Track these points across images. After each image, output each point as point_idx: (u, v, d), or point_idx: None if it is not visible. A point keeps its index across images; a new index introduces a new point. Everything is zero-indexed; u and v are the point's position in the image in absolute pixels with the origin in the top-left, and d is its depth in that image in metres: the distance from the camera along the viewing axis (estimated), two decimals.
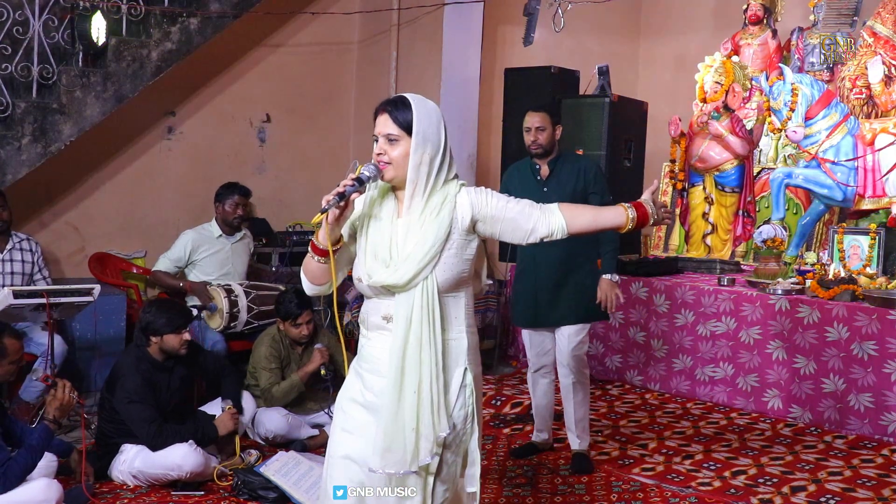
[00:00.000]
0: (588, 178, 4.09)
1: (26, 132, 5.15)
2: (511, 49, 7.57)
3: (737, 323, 5.17)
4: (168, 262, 5.18)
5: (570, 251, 4.02)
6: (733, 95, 6.15)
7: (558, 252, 4.01)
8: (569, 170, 4.11)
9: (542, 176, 4.13)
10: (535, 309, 4.15)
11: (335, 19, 7.01)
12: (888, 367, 4.54)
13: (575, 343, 4.10)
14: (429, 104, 2.34)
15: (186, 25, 5.66)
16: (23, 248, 4.90)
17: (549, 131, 4.09)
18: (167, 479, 3.78)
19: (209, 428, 3.96)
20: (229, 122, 6.71)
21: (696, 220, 6.39)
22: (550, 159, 4.13)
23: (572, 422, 4.17)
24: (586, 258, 4.10)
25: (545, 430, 4.38)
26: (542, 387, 4.28)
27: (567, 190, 4.03)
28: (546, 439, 4.39)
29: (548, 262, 4.08)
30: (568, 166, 4.13)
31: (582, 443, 4.19)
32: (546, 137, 4.09)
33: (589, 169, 4.13)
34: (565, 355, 4.11)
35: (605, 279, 4.05)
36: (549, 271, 4.09)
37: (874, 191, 6.08)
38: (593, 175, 4.11)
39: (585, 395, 4.17)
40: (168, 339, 3.93)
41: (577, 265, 4.09)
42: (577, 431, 4.17)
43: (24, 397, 4.46)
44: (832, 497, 3.81)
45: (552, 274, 4.09)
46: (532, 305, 4.16)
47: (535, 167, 4.16)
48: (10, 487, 3.19)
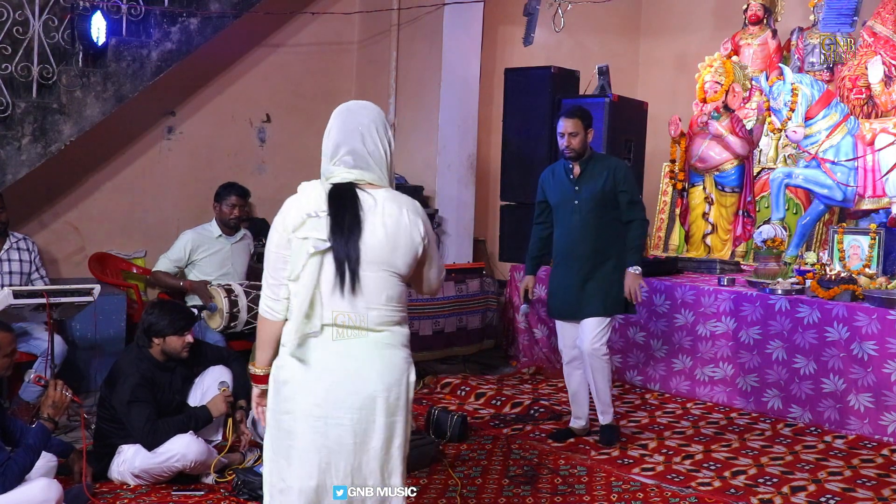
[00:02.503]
0: (618, 178, 4.36)
1: (26, 132, 5.15)
2: (511, 49, 7.58)
3: (737, 323, 5.17)
4: (168, 263, 5.18)
5: (596, 246, 4.38)
6: (733, 95, 6.15)
7: (587, 247, 4.38)
8: (599, 169, 4.39)
9: (574, 175, 4.42)
10: (566, 302, 4.45)
11: (335, 19, 7.02)
12: (888, 367, 4.53)
13: (593, 334, 4.35)
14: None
15: (186, 25, 5.66)
16: (20, 248, 4.90)
17: (581, 136, 4.35)
18: (172, 472, 3.77)
19: (202, 412, 3.95)
20: (229, 122, 6.71)
21: (696, 220, 6.38)
22: (582, 160, 4.40)
23: (597, 401, 4.49)
24: (612, 253, 4.39)
25: (582, 418, 4.61)
26: (576, 377, 4.54)
27: (597, 187, 4.36)
28: (583, 426, 4.61)
29: (577, 256, 4.41)
30: (598, 166, 4.40)
31: (605, 417, 4.50)
32: (578, 142, 4.35)
33: (619, 169, 4.41)
34: (585, 345, 4.38)
35: (629, 272, 4.35)
36: (579, 266, 4.40)
37: (874, 191, 6.08)
38: (623, 175, 4.39)
39: (606, 377, 4.43)
40: (170, 341, 3.92)
41: (603, 260, 4.39)
42: (601, 407, 4.49)
43: (24, 397, 4.46)
44: (832, 497, 3.81)
45: (582, 268, 4.39)
46: (564, 298, 4.46)
47: (567, 167, 4.44)
48: (9, 487, 3.19)
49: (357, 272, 2.33)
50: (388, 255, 2.36)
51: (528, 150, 6.19)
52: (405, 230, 2.37)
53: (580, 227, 4.39)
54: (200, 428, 3.93)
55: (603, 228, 4.39)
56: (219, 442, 4.07)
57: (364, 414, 2.35)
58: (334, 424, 2.34)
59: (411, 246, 2.39)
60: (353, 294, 2.33)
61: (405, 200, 2.43)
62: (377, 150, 2.40)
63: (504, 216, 6.45)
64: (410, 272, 2.44)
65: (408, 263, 2.40)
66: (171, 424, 3.81)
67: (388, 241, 2.35)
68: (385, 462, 2.40)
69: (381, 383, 2.36)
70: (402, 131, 7.16)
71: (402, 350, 2.42)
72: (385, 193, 2.40)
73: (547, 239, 4.60)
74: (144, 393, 3.81)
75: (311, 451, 2.35)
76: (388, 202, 2.38)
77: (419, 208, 2.46)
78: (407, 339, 2.45)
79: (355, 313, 2.35)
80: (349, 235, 2.32)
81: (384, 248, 2.35)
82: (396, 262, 2.38)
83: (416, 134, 7.05)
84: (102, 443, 3.88)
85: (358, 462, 2.36)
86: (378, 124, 2.42)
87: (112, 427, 3.85)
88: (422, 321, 5.68)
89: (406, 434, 2.44)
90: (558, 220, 4.51)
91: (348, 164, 2.38)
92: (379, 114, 2.46)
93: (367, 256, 2.34)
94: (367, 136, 2.39)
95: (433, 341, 5.75)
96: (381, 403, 2.36)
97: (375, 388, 2.35)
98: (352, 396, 2.34)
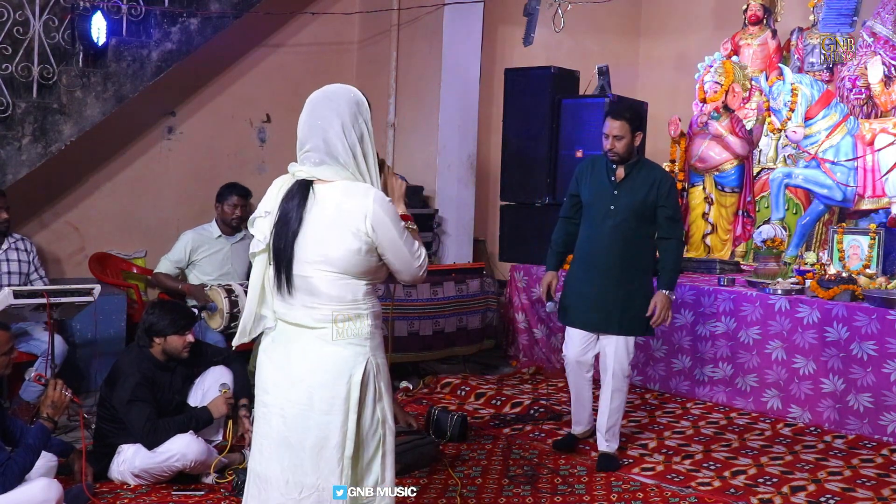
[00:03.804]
0: (661, 192, 4.05)
1: (27, 132, 5.15)
2: (511, 49, 7.58)
3: (736, 323, 5.17)
4: (168, 264, 5.18)
5: (625, 259, 4.05)
6: (733, 95, 6.15)
7: (614, 257, 4.05)
8: (644, 178, 4.06)
9: (616, 178, 4.09)
10: (581, 309, 4.15)
11: (335, 19, 7.02)
12: (888, 367, 4.54)
13: (623, 354, 4.12)
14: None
15: (186, 25, 5.66)
16: (18, 248, 4.90)
17: (627, 139, 4.02)
18: (172, 472, 3.77)
19: (202, 412, 3.95)
20: (229, 122, 6.71)
21: (696, 220, 6.39)
22: (628, 164, 4.08)
23: (604, 425, 4.19)
24: (640, 269, 4.10)
25: (584, 423, 4.42)
26: (581, 383, 4.30)
27: (638, 197, 4.04)
28: (585, 430, 4.43)
29: (602, 265, 4.08)
30: (644, 174, 4.08)
31: (610, 445, 4.22)
32: (624, 146, 4.03)
33: (664, 183, 4.08)
34: (612, 363, 4.12)
35: (662, 294, 4.05)
36: (603, 275, 4.08)
37: (874, 191, 6.09)
38: (667, 189, 4.07)
39: (622, 402, 4.21)
40: (171, 341, 3.92)
41: (630, 274, 4.07)
42: (608, 436, 4.21)
43: (25, 397, 4.46)
44: (832, 497, 3.81)
45: (605, 278, 4.08)
46: (579, 305, 4.16)
47: (611, 166, 4.11)
48: (9, 487, 3.19)
49: (291, 272, 2.34)
50: (322, 251, 2.32)
51: (528, 150, 6.19)
52: (343, 221, 2.31)
53: (611, 234, 4.06)
54: (201, 429, 3.93)
55: (635, 241, 4.08)
56: (219, 442, 4.07)
57: (300, 410, 2.36)
58: (277, 415, 2.39)
59: (351, 237, 2.31)
60: (290, 293, 2.36)
61: (361, 191, 2.33)
62: (340, 144, 2.33)
63: (504, 216, 6.46)
64: (363, 267, 2.35)
65: (349, 259, 2.32)
66: (171, 424, 3.81)
67: (325, 235, 2.32)
68: (319, 462, 2.35)
69: (314, 381, 2.35)
70: (402, 131, 7.16)
71: (349, 348, 2.35)
72: (341, 186, 2.34)
73: (574, 235, 4.26)
74: (145, 392, 3.81)
75: (262, 438, 2.44)
76: (337, 196, 2.33)
77: (378, 198, 2.33)
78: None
79: (294, 311, 2.38)
80: (287, 235, 2.34)
81: (320, 245, 2.32)
82: (332, 258, 2.32)
83: (416, 134, 7.05)
84: (102, 442, 3.88)
85: (299, 458, 2.36)
86: (345, 116, 2.34)
87: (112, 427, 3.85)
88: (422, 321, 5.68)
89: (347, 437, 2.35)
90: (588, 220, 4.18)
91: (311, 161, 2.36)
92: (347, 102, 2.37)
93: (305, 255, 2.33)
94: (331, 132, 2.33)
95: (433, 341, 5.75)
96: (316, 401, 2.35)
97: (310, 385, 2.35)
98: (290, 391, 2.37)
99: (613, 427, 4.21)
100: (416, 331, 5.62)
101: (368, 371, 2.37)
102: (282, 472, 2.37)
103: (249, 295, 2.46)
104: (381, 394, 2.42)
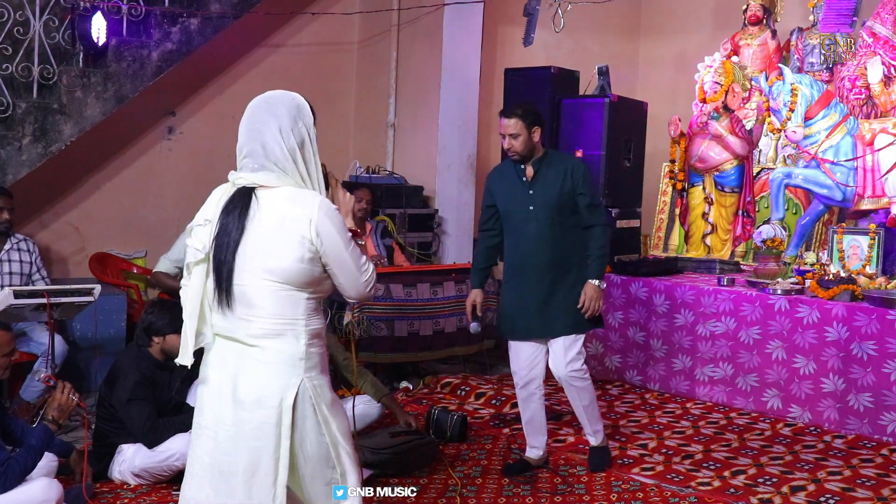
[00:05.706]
0: (576, 179, 3.89)
1: (27, 132, 5.15)
2: (511, 49, 7.58)
3: (736, 323, 5.17)
4: (168, 263, 5.18)
5: (557, 257, 3.90)
6: (733, 96, 6.15)
7: (545, 258, 3.89)
8: (555, 170, 3.91)
9: (527, 177, 3.94)
10: (526, 320, 3.94)
11: (335, 19, 7.02)
12: (888, 366, 4.54)
13: (571, 356, 3.92)
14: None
15: (186, 25, 5.67)
16: (20, 249, 4.91)
17: (524, 136, 3.87)
18: (172, 471, 3.76)
19: None
20: (229, 122, 6.63)
21: (696, 220, 6.38)
22: (535, 160, 3.93)
23: (585, 422, 4.12)
24: (575, 263, 3.94)
25: (539, 447, 4.13)
26: (534, 402, 4.04)
27: (554, 191, 3.89)
28: (541, 455, 4.14)
29: (535, 269, 3.92)
30: (554, 166, 3.93)
31: (596, 438, 4.15)
32: (521, 143, 3.88)
33: (577, 169, 3.93)
34: (562, 369, 3.93)
35: (591, 284, 3.89)
36: (538, 280, 3.92)
37: (874, 191, 6.08)
38: (581, 175, 3.91)
39: (592, 397, 4.06)
40: (170, 340, 3.92)
41: (565, 271, 3.92)
42: (591, 429, 4.13)
43: (25, 397, 4.47)
44: (832, 497, 3.82)
45: (541, 282, 3.91)
46: (523, 317, 3.95)
47: (519, 168, 3.96)
48: (9, 487, 3.19)
49: (230, 283, 2.24)
50: (264, 260, 2.22)
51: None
52: (287, 227, 2.22)
53: (537, 237, 3.89)
54: None
55: (563, 237, 3.90)
56: None
57: (232, 433, 2.25)
58: (210, 438, 2.29)
59: (295, 244, 2.22)
60: (228, 305, 2.25)
61: (306, 197, 2.25)
62: (279, 149, 2.25)
63: None
64: (306, 277, 2.26)
65: (292, 268, 2.23)
66: (171, 423, 3.81)
67: (265, 244, 2.22)
68: (251, 489, 2.24)
69: (245, 403, 2.24)
70: (402, 131, 7.17)
71: (280, 369, 2.25)
72: (286, 193, 2.26)
73: (496, 248, 4.09)
74: (144, 391, 3.82)
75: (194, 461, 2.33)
76: (281, 202, 2.24)
77: (324, 205, 2.26)
78: (295, 358, 2.25)
79: (230, 325, 2.27)
80: (228, 245, 2.23)
81: (260, 254, 2.23)
82: (274, 267, 2.22)
83: (416, 134, 7.05)
84: (102, 442, 3.89)
85: (230, 486, 2.25)
86: (283, 119, 2.26)
87: (111, 426, 3.86)
88: (422, 321, 5.68)
89: (280, 464, 2.24)
90: (510, 229, 3.99)
91: (250, 167, 2.28)
92: (286, 107, 2.29)
93: (246, 265, 2.23)
94: (268, 135, 2.25)
95: (434, 341, 5.75)
96: (246, 426, 2.24)
97: (241, 408, 2.24)
98: (223, 412, 2.27)
99: (595, 422, 4.11)
100: (416, 331, 5.62)
101: (301, 394, 2.25)
102: (216, 496, 2.26)
103: (188, 310, 2.31)
104: (324, 417, 2.29)
